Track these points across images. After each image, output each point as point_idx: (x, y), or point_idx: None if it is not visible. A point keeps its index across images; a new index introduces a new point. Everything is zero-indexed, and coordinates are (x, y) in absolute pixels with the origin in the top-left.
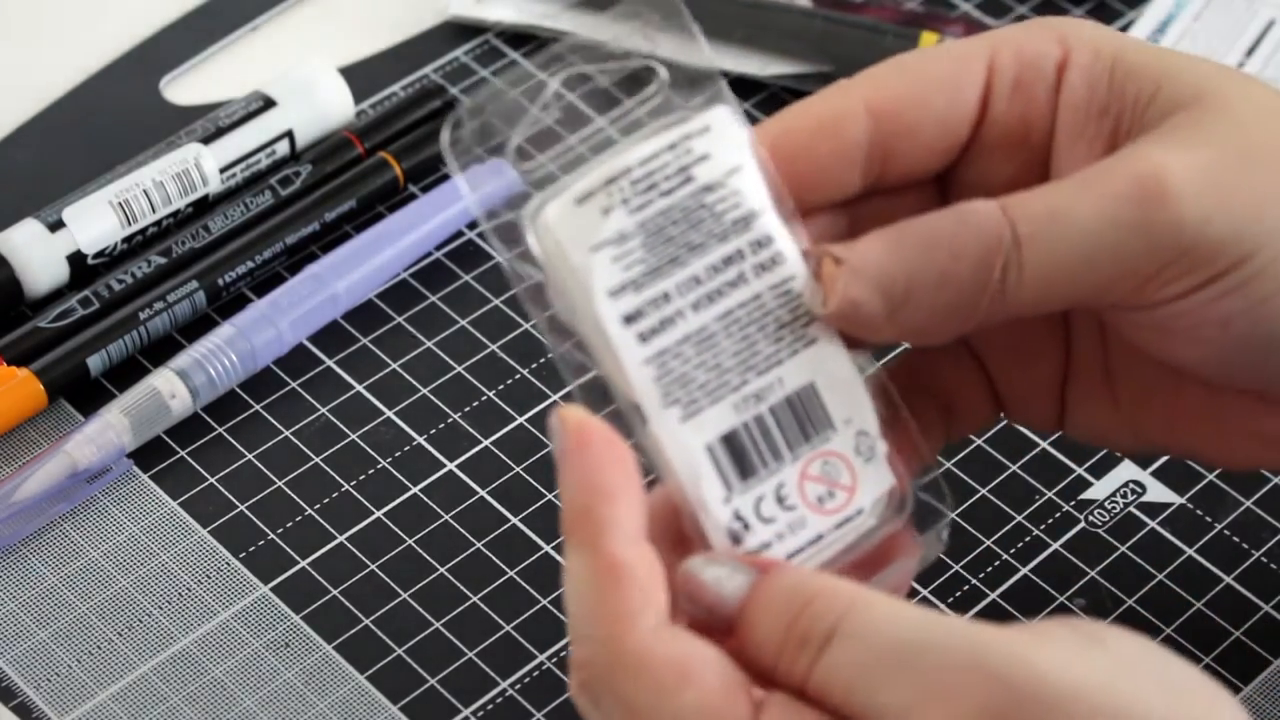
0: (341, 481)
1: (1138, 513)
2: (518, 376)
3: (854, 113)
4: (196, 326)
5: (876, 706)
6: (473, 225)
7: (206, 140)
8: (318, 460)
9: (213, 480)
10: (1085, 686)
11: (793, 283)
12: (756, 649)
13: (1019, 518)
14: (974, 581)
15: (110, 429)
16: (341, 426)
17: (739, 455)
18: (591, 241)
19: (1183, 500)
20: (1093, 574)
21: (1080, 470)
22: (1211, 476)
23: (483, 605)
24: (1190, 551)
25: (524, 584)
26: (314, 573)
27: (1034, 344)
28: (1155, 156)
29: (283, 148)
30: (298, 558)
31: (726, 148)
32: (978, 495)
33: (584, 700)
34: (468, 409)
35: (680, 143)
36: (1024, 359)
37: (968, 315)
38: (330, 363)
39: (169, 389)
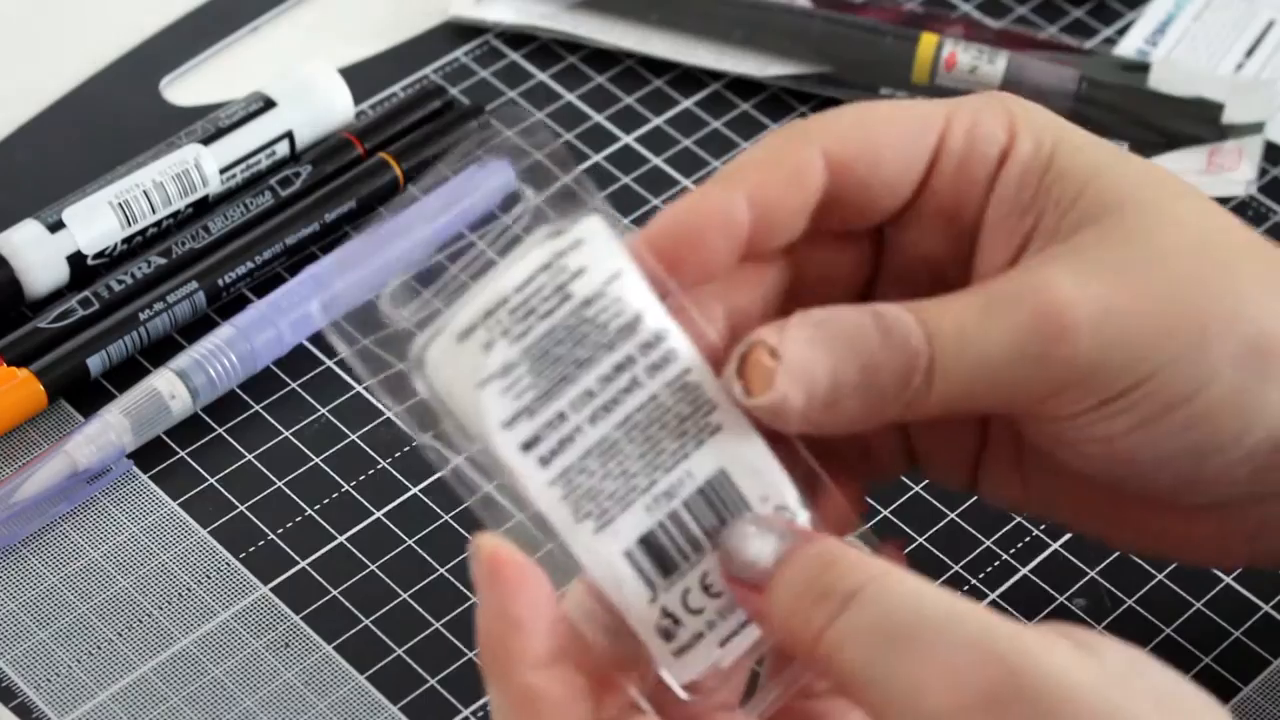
0: (341, 481)
1: None
2: None
3: (816, 165)
4: (196, 327)
5: (884, 678)
6: (473, 227)
7: (206, 141)
8: (318, 460)
9: (213, 481)
10: (1082, 690)
11: (689, 376)
12: (772, 605)
13: (1019, 518)
14: (974, 581)
15: (110, 429)
16: (341, 427)
17: (658, 554)
18: (477, 378)
19: None
20: (1093, 574)
21: None
22: None
23: None
24: None
25: None
26: (314, 573)
27: (952, 423)
28: (1058, 286)
29: (283, 148)
30: (298, 558)
31: (601, 257)
32: None
33: None
34: None
35: (554, 261)
36: (942, 434)
37: (877, 419)
38: (330, 363)
39: (169, 389)
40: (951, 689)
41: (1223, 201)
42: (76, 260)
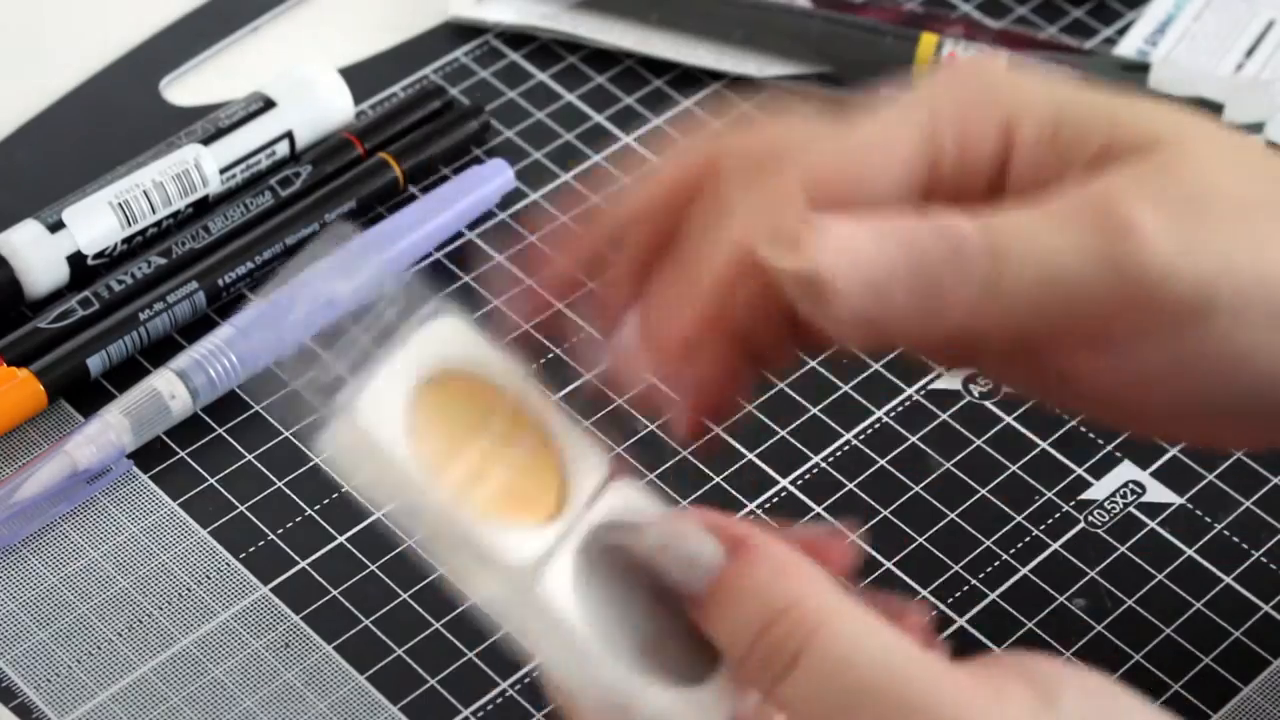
0: (342, 482)
1: (1137, 513)
2: None
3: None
4: (196, 327)
5: None
6: (472, 226)
7: (206, 141)
8: (318, 460)
9: (213, 481)
10: None
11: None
12: (726, 638)
13: (1019, 518)
14: (974, 582)
15: (110, 429)
16: None
17: None
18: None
19: (1182, 500)
20: (1093, 574)
21: (1080, 470)
22: (1211, 477)
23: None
24: (1190, 551)
25: None
26: (314, 573)
27: None
28: (1123, 193)
29: (283, 148)
30: (298, 558)
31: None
32: (977, 495)
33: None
34: None
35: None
36: None
37: (935, 324)
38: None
39: (169, 389)
40: None
41: None
42: (76, 260)
